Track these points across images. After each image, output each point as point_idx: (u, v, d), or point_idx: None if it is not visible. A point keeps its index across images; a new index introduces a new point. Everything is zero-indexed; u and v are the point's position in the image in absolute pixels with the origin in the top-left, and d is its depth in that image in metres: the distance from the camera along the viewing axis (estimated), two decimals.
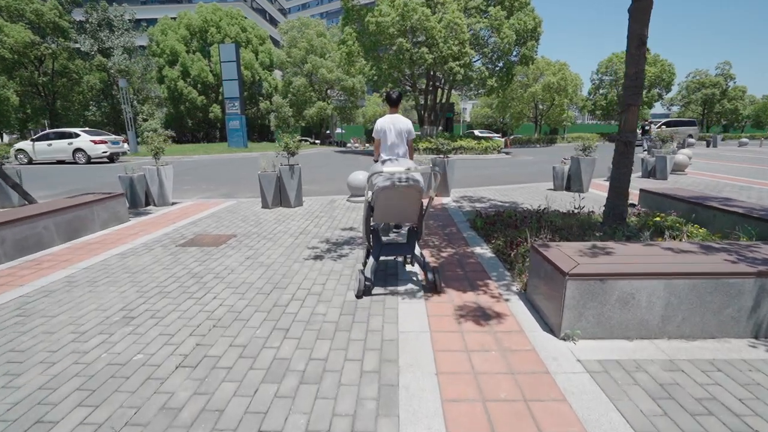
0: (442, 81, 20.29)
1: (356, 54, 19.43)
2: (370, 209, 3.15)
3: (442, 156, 7.33)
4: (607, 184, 4.70)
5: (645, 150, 22.92)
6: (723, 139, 29.16)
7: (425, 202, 3.31)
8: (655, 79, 31.89)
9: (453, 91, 22.18)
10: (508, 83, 19.58)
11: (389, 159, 3.85)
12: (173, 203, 7.07)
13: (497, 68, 18.61)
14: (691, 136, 22.45)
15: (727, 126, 41.89)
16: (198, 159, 17.29)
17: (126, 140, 17.25)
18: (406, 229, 3.79)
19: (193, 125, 31.24)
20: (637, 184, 8.54)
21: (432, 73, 19.74)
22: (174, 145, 27.92)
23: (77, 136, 15.80)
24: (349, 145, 34.44)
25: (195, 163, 15.58)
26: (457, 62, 16.52)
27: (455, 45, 16.12)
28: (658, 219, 4.44)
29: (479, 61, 18.36)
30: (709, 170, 11.49)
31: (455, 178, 7.57)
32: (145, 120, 32.29)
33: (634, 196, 5.65)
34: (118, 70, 29.53)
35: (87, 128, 17.34)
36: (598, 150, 7.87)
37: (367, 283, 3.08)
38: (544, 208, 5.23)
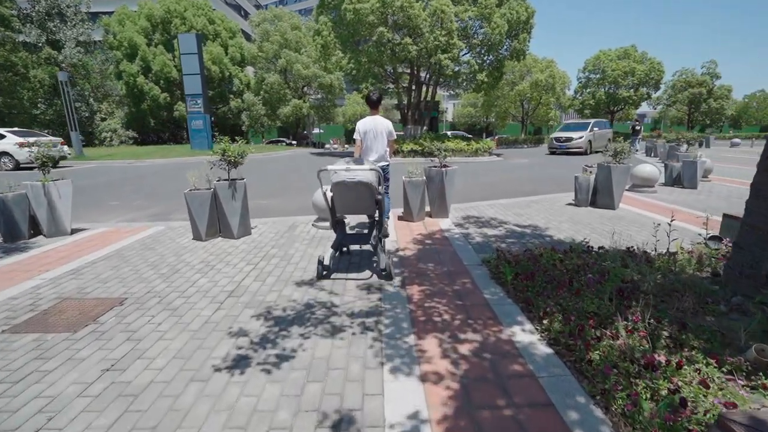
0: (427, 77, 18.67)
1: (332, 46, 17.58)
2: (331, 202, 3.56)
3: (437, 165, 5.64)
4: (641, 197, 3.14)
5: (636, 150, 22.05)
6: (716, 139, 28.61)
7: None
8: (644, 77, 31.20)
9: (438, 89, 20.59)
10: (499, 79, 18.11)
11: (388, 164, 4.59)
12: (73, 231, 5.13)
13: (486, 62, 17.10)
14: (610, 140, 18.73)
15: (705, 126, 41.93)
16: (151, 164, 15.11)
17: (66, 142, 14.88)
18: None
19: (157, 125, 28.66)
20: (671, 197, 6.94)
21: (416, 68, 18.08)
22: (134, 147, 25.44)
23: (2, 137, 13.41)
24: (327, 146, 32.49)
25: (145, 170, 13.43)
26: (446, 54, 14.89)
27: (442, 35, 14.50)
28: None
29: (468, 55, 16.79)
30: (730, 175, 10.20)
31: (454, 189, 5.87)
32: (103, 119, 29.54)
33: (712, 224, 4.09)
34: (71, 65, 26.74)
35: (17, 129, 14.88)
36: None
37: (324, 271, 3.41)
38: (600, 247, 3.58)
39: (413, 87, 18.96)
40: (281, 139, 39.32)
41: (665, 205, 6.42)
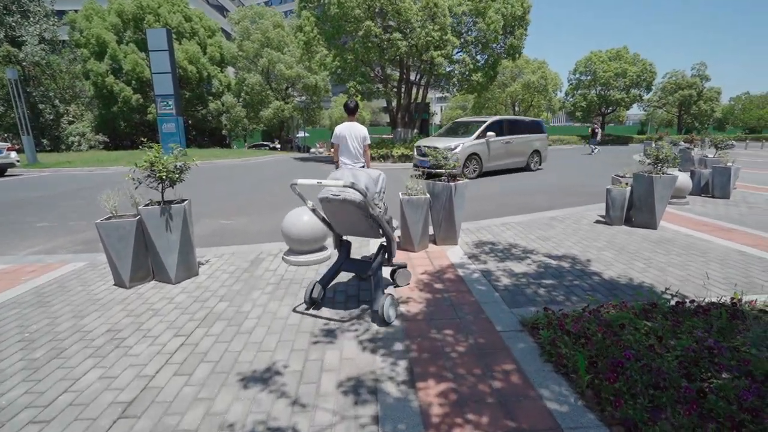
0: (418, 76, 17.55)
1: (316, 43, 16.31)
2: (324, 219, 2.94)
3: (443, 179, 4.45)
4: (678, 212, 3.04)
5: (591, 152, 21.37)
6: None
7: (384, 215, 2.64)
8: (636, 78, 30.69)
9: (429, 90, 19.49)
10: (493, 79, 17.10)
11: (345, 164, 4.70)
12: None
13: (481, 61, 16.06)
14: (538, 154, 12.58)
15: (693, 129, 42.02)
16: (114, 172, 13.56)
17: (14, 148, 13.22)
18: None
19: (129, 128, 26.79)
20: (708, 209, 5.66)
21: (406, 67, 16.94)
22: (102, 152, 23.64)
23: None
24: (313, 150, 31.09)
25: (104, 179, 11.91)
26: (439, 51, 13.78)
27: (435, 30, 13.38)
28: None
29: (461, 53, 15.72)
30: (756, 182, 9.30)
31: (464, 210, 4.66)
32: (71, 122, 27.57)
33: None
34: (34, 63, 24.81)
35: None
36: (603, 154, 5.18)
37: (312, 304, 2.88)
38: (687, 300, 2.42)
39: (403, 87, 17.82)
40: (264, 143, 37.72)
41: (712, 222, 5.37)
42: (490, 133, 10.76)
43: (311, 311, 2.87)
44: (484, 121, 11.32)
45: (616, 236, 4.72)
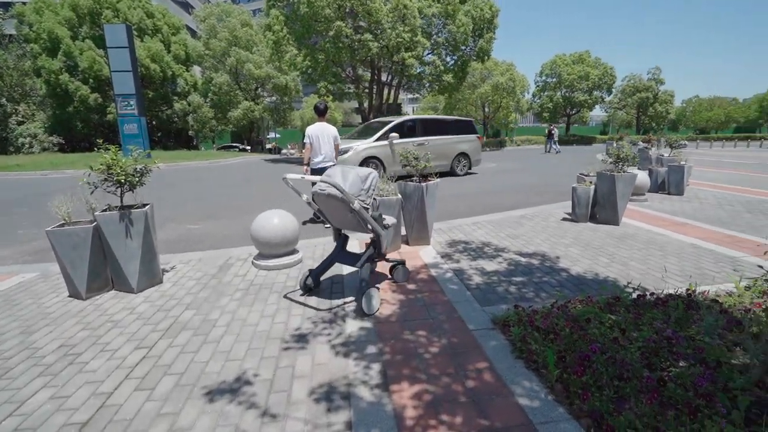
0: (389, 77, 17.61)
1: (285, 42, 16.04)
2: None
3: (414, 179, 4.47)
4: (638, 208, 2.95)
5: (548, 151, 22.47)
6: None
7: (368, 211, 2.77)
8: (598, 81, 32.12)
9: (400, 91, 19.59)
10: (463, 80, 17.41)
11: (334, 164, 5.14)
12: None
13: (451, 63, 16.31)
14: (465, 156, 11.40)
15: (651, 129, 44.42)
16: (72, 176, 12.81)
17: None
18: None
19: (87, 129, 25.35)
20: (665, 206, 5.97)
21: (378, 68, 16.96)
22: (58, 154, 22.27)
23: None
24: (284, 151, 30.57)
25: (59, 184, 11.21)
26: (410, 53, 13.87)
27: (405, 32, 13.46)
28: None
29: (431, 54, 15.89)
30: (706, 179, 9.91)
31: (435, 209, 4.69)
32: (20, 123, 25.81)
33: (739, 244, 3.20)
34: None
35: None
36: (573, 152, 5.43)
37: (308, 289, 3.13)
38: (647, 293, 2.52)
39: (374, 88, 17.83)
40: (234, 144, 36.76)
41: (669, 218, 5.67)
42: (393, 135, 9.67)
43: (300, 299, 3.07)
44: (390, 122, 10.35)
45: (582, 233, 4.89)
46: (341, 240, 3.21)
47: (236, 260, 4.04)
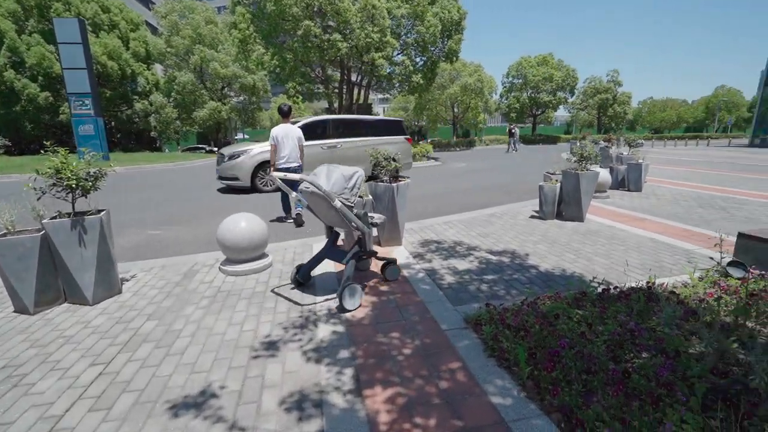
0: (359, 77, 17.55)
1: (252, 41, 15.65)
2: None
3: (385, 180, 4.44)
4: (601, 205, 3.03)
5: (511, 150, 23.49)
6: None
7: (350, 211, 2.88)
8: (561, 82, 33.41)
9: (370, 92, 19.57)
10: (432, 81, 17.60)
11: (299, 164, 5.47)
12: None
13: (420, 63, 16.45)
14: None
15: (611, 129, 46.63)
16: (15, 180, 11.93)
17: None
18: None
19: (37, 130, 23.75)
20: (626, 202, 6.28)
21: (347, 68, 16.86)
22: (4, 157, 20.73)
23: None
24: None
25: (4, 190, 10.41)
26: (379, 53, 13.87)
27: (375, 32, 13.45)
28: None
29: (401, 55, 15.98)
30: (662, 176, 10.49)
31: (406, 210, 4.69)
32: None
33: (726, 245, 3.40)
34: None
35: None
36: (539, 151, 5.66)
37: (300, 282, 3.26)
38: (610, 287, 2.61)
39: (344, 89, 17.71)
40: (200, 146, 35.49)
41: (629, 213, 5.95)
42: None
43: (284, 293, 3.18)
44: (326, 121, 9.46)
45: (549, 230, 5.04)
46: (332, 237, 3.30)
47: (202, 266, 3.88)
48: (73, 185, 2.90)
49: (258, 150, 8.71)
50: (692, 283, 3.03)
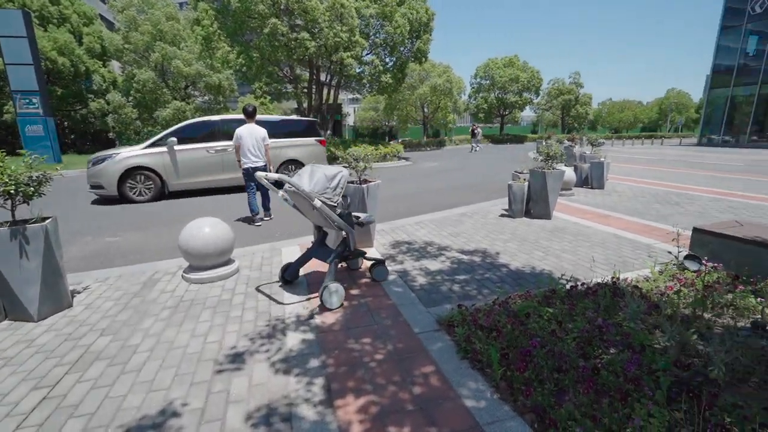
0: (328, 77, 17.35)
1: (217, 38, 15.13)
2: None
3: (355, 181, 4.37)
4: (567, 202, 2.95)
5: (473, 150, 24.39)
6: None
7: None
8: (526, 84, 34.47)
9: (340, 92, 19.40)
10: (402, 81, 17.66)
11: (264, 164, 5.58)
12: None
13: (390, 63, 16.47)
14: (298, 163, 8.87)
15: (574, 129, 48.55)
16: None
17: None
18: None
19: None
20: (590, 199, 6.51)
21: (316, 68, 16.62)
22: None
23: None
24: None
25: None
26: (348, 53, 13.75)
27: (344, 32, 13.32)
28: None
29: (370, 55, 15.93)
30: (621, 174, 10.98)
31: (377, 210, 4.65)
32: None
33: (682, 240, 3.55)
34: None
35: None
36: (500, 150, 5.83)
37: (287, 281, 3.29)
38: (577, 284, 2.67)
39: (313, 88, 17.46)
40: None
41: (594, 210, 6.16)
42: (172, 140, 7.91)
43: (267, 291, 3.21)
44: (216, 122, 8.63)
45: (518, 228, 5.13)
46: (320, 236, 3.33)
47: (163, 274, 3.66)
48: (12, 191, 2.65)
49: (126, 155, 7.71)
50: (653, 277, 3.15)
